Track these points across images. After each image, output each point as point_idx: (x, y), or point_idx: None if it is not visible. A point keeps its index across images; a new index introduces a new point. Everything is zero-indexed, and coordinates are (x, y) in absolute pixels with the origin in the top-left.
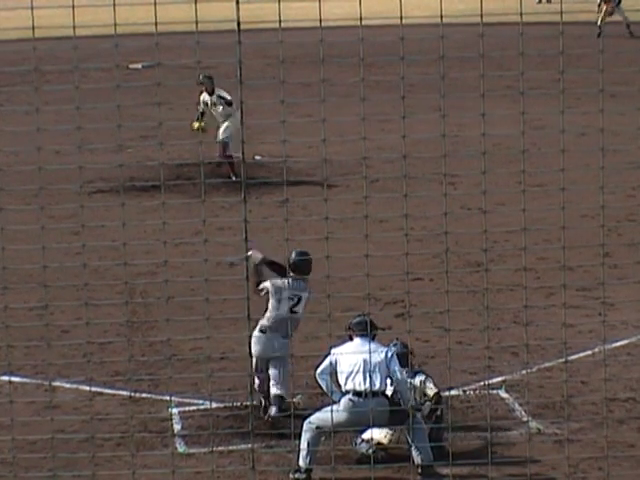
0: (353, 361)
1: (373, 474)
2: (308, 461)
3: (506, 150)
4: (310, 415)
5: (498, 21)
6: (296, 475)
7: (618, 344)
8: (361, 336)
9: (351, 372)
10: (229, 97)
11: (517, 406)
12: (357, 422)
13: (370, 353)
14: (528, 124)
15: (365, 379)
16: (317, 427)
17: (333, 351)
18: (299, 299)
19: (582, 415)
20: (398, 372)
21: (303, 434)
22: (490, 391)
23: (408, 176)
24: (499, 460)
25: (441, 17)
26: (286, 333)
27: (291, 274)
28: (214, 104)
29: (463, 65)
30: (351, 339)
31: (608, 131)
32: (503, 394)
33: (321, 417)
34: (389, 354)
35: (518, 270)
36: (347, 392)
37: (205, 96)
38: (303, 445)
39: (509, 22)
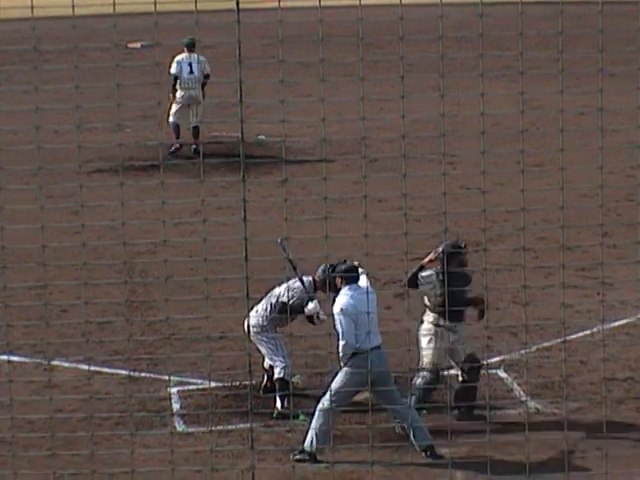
0: (361, 319)
1: (372, 456)
2: (320, 442)
3: (505, 130)
4: (321, 396)
5: (497, 0)
6: (299, 456)
7: (617, 324)
8: (351, 283)
9: (360, 332)
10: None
11: (516, 386)
12: (372, 379)
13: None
14: (527, 104)
15: (374, 334)
16: (337, 405)
17: (342, 311)
18: None
19: (581, 395)
20: None
21: (319, 415)
22: (489, 371)
23: (407, 156)
24: (497, 440)
25: None
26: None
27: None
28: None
29: (462, 45)
30: (338, 290)
31: (607, 111)
32: (502, 374)
33: (339, 387)
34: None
35: (517, 250)
36: (357, 351)
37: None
38: (315, 425)
39: (508, 1)
